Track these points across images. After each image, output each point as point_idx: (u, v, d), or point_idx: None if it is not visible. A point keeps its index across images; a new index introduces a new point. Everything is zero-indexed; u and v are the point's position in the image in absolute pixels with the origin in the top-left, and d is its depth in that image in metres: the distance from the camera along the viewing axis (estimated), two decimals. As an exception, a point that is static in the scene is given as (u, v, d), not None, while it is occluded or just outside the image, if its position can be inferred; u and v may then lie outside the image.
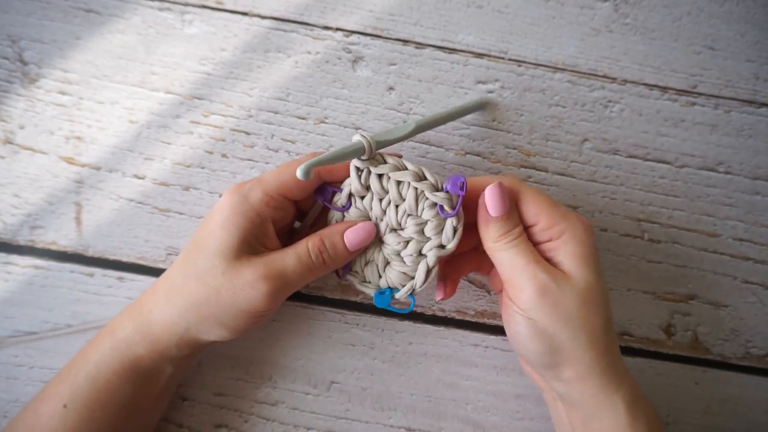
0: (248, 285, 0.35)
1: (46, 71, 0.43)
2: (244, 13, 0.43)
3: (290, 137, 0.43)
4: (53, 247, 0.43)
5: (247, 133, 0.43)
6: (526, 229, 0.37)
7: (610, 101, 0.44)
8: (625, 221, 0.44)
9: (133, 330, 0.37)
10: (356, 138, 0.35)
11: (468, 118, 0.43)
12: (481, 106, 0.43)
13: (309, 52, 0.43)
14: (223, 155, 0.43)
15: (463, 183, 0.35)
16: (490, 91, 0.43)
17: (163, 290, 0.37)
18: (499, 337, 0.44)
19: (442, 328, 0.44)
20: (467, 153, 0.44)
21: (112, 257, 0.43)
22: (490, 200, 0.36)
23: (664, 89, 0.44)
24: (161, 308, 0.36)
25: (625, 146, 0.44)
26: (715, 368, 0.44)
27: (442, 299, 0.40)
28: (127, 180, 0.43)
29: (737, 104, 0.44)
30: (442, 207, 0.36)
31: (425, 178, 0.36)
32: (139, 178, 0.43)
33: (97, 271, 0.43)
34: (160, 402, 0.39)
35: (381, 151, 0.36)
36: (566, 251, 0.35)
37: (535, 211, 0.36)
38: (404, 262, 0.37)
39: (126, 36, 0.43)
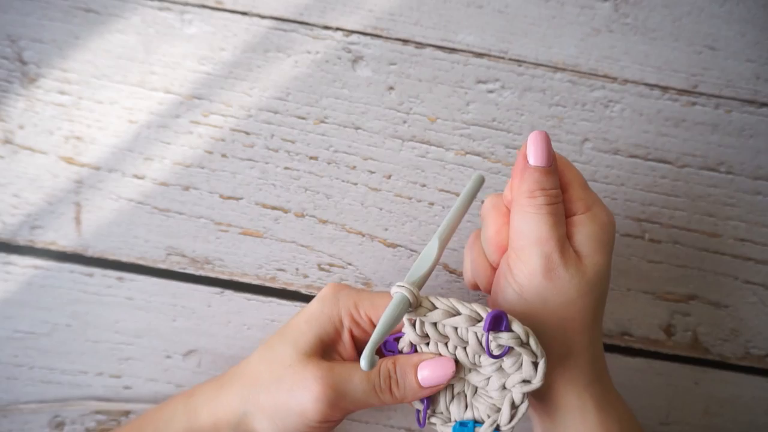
0: (305, 385, 0.33)
1: (46, 71, 0.43)
2: (244, 13, 0.43)
3: (290, 137, 0.43)
4: (53, 247, 0.43)
5: (247, 133, 0.43)
6: None
7: (610, 101, 0.43)
8: (626, 221, 0.44)
9: (205, 401, 0.36)
10: (395, 291, 0.32)
11: (468, 117, 0.43)
12: (480, 182, 0.38)
13: (309, 52, 0.43)
14: (223, 155, 0.43)
15: (502, 318, 0.31)
16: (491, 91, 0.43)
17: (241, 367, 0.37)
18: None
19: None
20: (467, 153, 0.43)
21: (111, 257, 0.43)
22: (534, 145, 0.32)
23: (665, 89, 0.43)
24: (231, 385, 0.36)
25: (625, 146, 0.44)
26: (714, 368, 0.44)
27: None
28: (126, 180, 0.43)
29: (738, 104, 0.43)
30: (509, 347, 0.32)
31: (482, 318, 0.32)
32: (139, 178, 0.43)
33: (97, 271, 0.43)
34: None
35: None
36: (587, 231, 0.33)
37: (568, 177, 0.33)
38: (491, 396, 0.34)
39: (125, 36, 0.43)
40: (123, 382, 0.43)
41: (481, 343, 0.32)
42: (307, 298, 0.43)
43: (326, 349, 0.35)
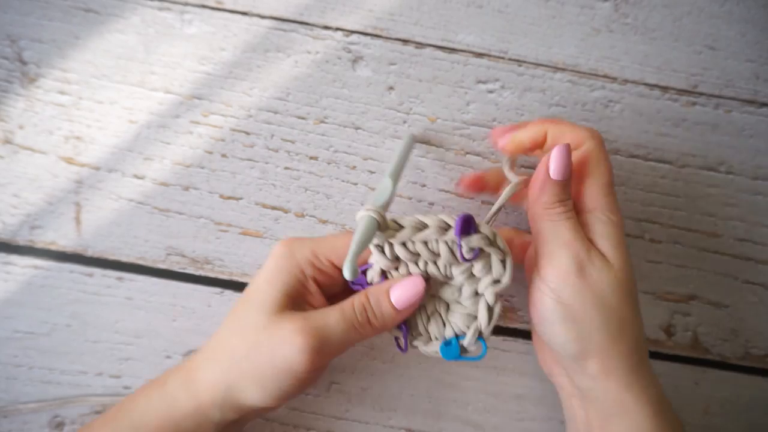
0: (285, 340, 0.33)
1: (46, 71, 0.43)
2: (244, 13, 0.43)
3: (290, 137, 0.43)
4: (53, 247, 0.43)
5: (247, 133, 0.43)
6: None
7: (610, 101, 0.43)
8: (626, 221, 0.44)
9: (180, 385, 0.36)
10: (362, 215, 0.32)
11: (468, 117, 0.43)
12: (414, 141, 0.42)
13: (309, 52, 0.43)
14: (223, 155, 0.43)
15: (468, 220, 0.32)
16: (491, 91, 0.43)
17: (211, 345, 0.36)
18: (500, 338, 0.44)
19: (442, 328, 0.44)
20: (467, 153, 0.43)
21: (111, 257, 0.43)
22: (557, 161, 0.33)
23: (665, 89, 0.43)
24: (206, 365, 0.35)
25: (625, 146, 0.44)
26: (715, 368, 0.44)
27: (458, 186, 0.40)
28: (126, 180, 0.43)
29: (738, 104, 0.43)
30: (480, 249, 0.33)
31: (449, 226, 0.33)
32: (139, 178, 0.43)
33: (97, 271, 0.43)
34: None
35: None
36: (606, 232, 0.34)
37: (596, 175, 0.35)
38: (465, 306, 0.35)
39: (125, 36, 0.43)
40: (123, 382, 0.43)
41: (452, 252, 0.33)
42: (307, 298, 0.43)
43: (295, 302, 0.35)
